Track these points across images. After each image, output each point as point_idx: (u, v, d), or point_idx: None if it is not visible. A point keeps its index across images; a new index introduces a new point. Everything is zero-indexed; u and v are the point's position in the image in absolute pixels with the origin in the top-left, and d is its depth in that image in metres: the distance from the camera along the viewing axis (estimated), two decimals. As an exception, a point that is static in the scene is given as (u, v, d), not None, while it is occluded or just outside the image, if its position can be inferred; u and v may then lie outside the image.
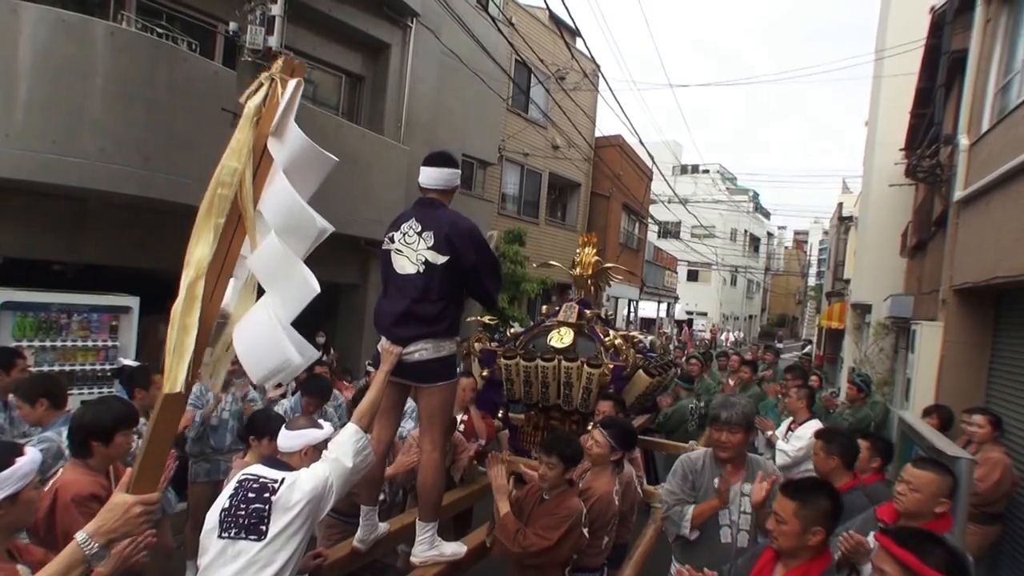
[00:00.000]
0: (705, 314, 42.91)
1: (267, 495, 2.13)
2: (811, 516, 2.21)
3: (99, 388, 5.28)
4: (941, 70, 7.47)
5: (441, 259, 2.75)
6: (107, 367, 5.40)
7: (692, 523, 2.76)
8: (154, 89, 5.52)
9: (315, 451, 2.36)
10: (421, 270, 2.76)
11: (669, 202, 30.51)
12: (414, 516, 3.03)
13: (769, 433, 4.89)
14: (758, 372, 7.57)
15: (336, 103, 8.91)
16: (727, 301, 44.66)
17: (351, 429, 2.29)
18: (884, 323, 12.55)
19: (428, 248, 2.78)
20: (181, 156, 5.61)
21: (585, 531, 2.83)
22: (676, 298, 34.40)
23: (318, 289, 1.67)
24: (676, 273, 33.91)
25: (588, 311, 4.47)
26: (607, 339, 4.26)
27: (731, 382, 7.43)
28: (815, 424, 4.82)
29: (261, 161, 1.75)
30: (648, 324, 31.73)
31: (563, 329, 4.35)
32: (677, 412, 6.31)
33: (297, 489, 2.15)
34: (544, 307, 4.86)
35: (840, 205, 24.13)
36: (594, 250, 4.84)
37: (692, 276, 42.81)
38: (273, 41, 4.91)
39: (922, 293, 9.34)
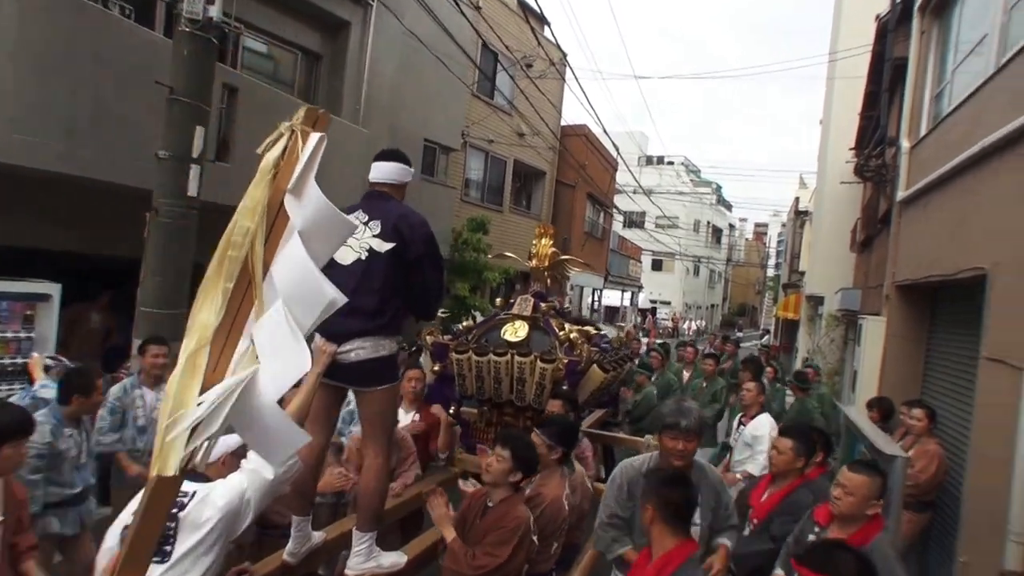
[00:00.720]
0: (669, 303, 43.43)
1: (174, 511, 1.94)
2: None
3: (9, 384, 4.83)
4: (885, 75, 7.72)
5: (386, 246, 2.61)
6: (18, 361, 4.92)
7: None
8: (78, 56, 5.04)
9: (234, 459, 2.17)
10: (363, 257, 2.61)
11: (634, 193, 30.73)
12: (352, 523, 2.85)
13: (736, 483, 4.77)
14: (720, 363, 7.70)
15: (291, 81, 8.59)
16: (690, 290, 45.34)
17: None
18: (835, 315, 12.97)
19: (374, 236, 2.65)
20: (110, 130, 5.21)
21: (535, 538, 2.74)
22: (640, 287, 34.75)
23: (307, 368, 1.53)
24: (640, 263, 34.28)
25: (543, 304, 4.41)
26: (562, 333, 4.20)
27: (686, 373, 7.57)
28: (766, 419, 4.93)
29: (276, 220, 1.60)
30: (612, 313, 31.98)
31: (517, 323, 4.29)
32: (644, 400, 6.36)
33: (209, 504, 1.98)
34: (498, 299, 4.79)
35: (797, 199, 24.74)
36: (551, 241, 4.76)
37: (656, 266, 43.22)
38: (214, 11, 4.60)
39: (869, 287, 9.70)
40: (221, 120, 6.59)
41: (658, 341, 14.27)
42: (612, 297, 30.49)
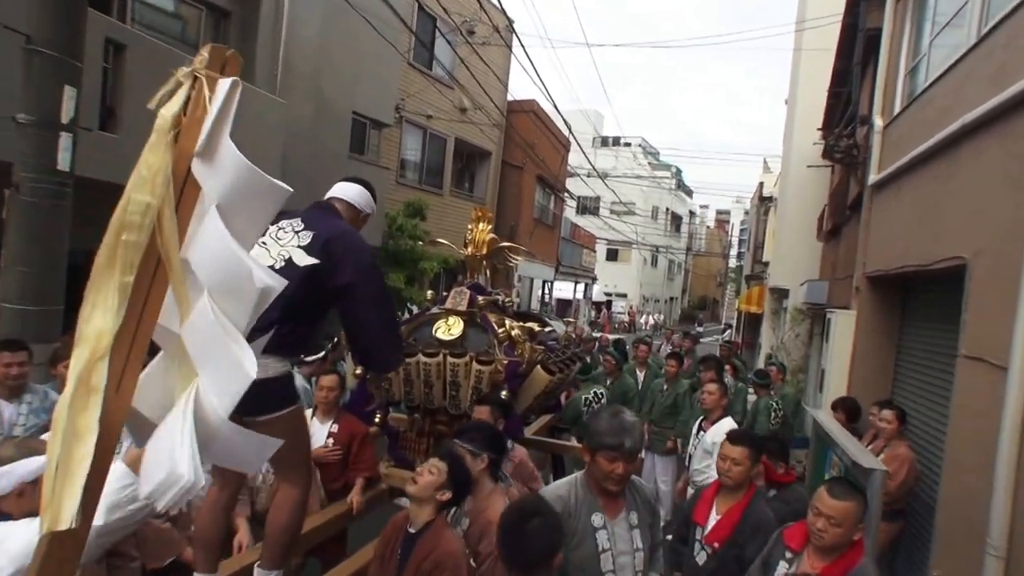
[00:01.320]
0: (625, 295, 44.12)
1: None
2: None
3: None
4: (857, 48, 7.80)
5: (307, 261, 2.45)
6: None
7: None
8: None
9: (34, 488, 1.92)
10: (278, 265, 2.46)
11: (588, 176, 30.86)
12: (255, 557, 2.75)
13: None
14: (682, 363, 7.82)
15: (195, 42, 8.17)
16: (648, 282, 46.09)
17: (118, 472, 1.77)
18: (800, 309, 13.23)
19: (298, 246, 2.52)
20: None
21: (471, 561, 2.70)
22: (594, 279, 35.14)
23: (253, 374, 1.34)
24: (595, 252, 34.61)
25: (481, 297, 4.32)
26: (501, 330, 4.11)
27: (640, 374, 7.69)
28: (729, 423, 4.97)
29: (183, 192, 1.41)
30: (564, 306, 32.19)
31: (451, 319, 4.21)
32: (570, 406, 6.36)
33: (2, 552, 1.72)
34: (428, 292, 4.72)
35: (761, 185, 25.28)
36: (489, 226, 4.70)
37: (611, 255, 43.79)
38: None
39: (837, 279, 9.86)
40: (107, 82, 6.18)
41: (613, 337, 14.39)
42: (564, 289, 30.67)
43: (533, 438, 5.00)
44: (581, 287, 33.29)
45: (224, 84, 1.42)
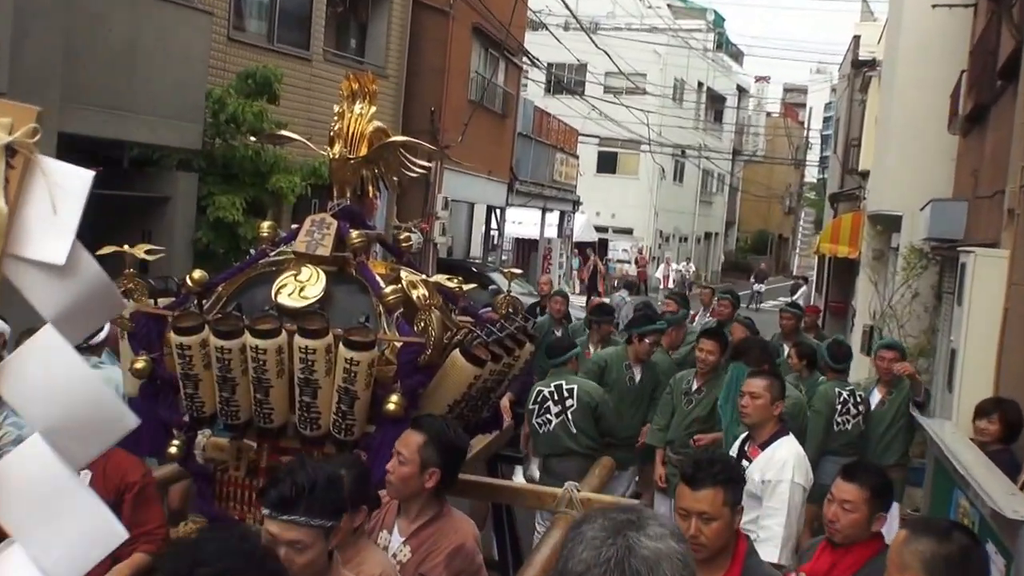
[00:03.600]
0: (630, 231, 44.68)
1: None
2: None
3: None
4: None
5: None
6: None
7: None
8: None
9: None
10: None
11: (566, 29, 30.68)
12: None
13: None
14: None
15: None
16: (668, 209, 46.65)
17: None
18: (921, 249, 13.39)
19: None
20: None
21: None
22: (577, 203, 35.60)
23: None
24: (577, 158, 35.09)
25: (355, 233, 4.42)
26: (390, 291, 4.17)
27: (637, 372, 8.19)
28: (788, 447, 5.13)
29: None
30: (528, 250, 32.18)
31: (304, 270, 4.30)
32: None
33: None
34: (265, 224, 4.86)
35: (856, 40, 25.41)
36: (371, 107, 4.79)
37: (606, 164, 44.07)
38: None
39: (980, 198, 9.94)
40: None
41: (624, 296, 14.60)
42: (525, 222, 30.78)
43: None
44: (554, 218, 33.59)
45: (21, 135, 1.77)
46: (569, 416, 7.18)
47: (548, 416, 7.20)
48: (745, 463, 5.23)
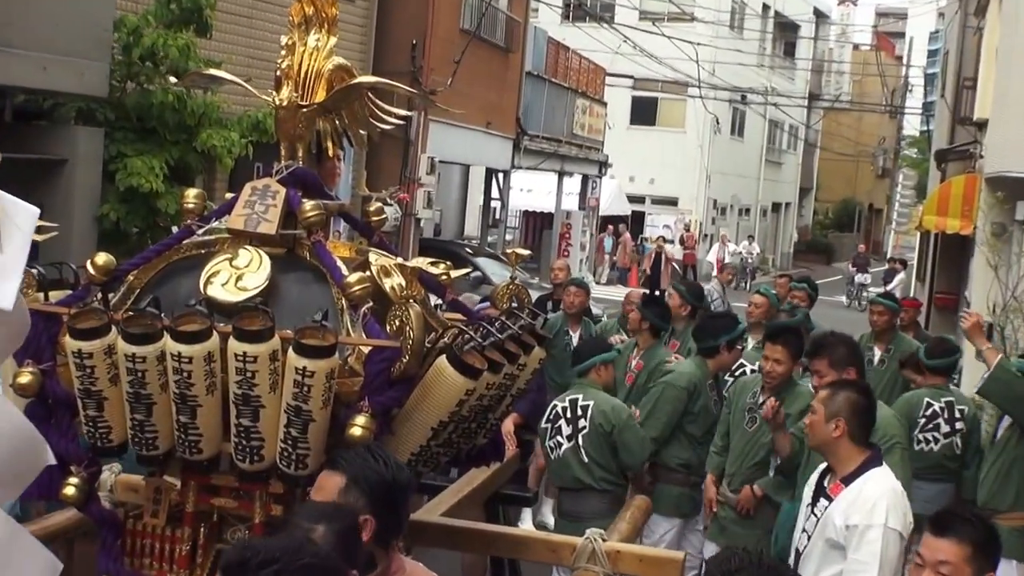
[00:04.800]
0: (674, 202, 44.77)
1: None
2: None
3: None
4: None
5: None
6: None
7: None
8: None
9: None
10: None
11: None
12: None
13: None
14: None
15: None
16: (724, 172, 46.59)
17: None
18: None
19: None
20: None
21: None
22: (604, 164, 35.76)
23: None
24: (604, 106, 35.32)
25: (308, 204, 4.43)
26: (355, 280, 4.18)
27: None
28: (880, 482, 5.17)
29: None
30: (538, 227, 32.03)
31: (242, 253, 4.34)
32: None
33: None
34: (190, 193, 4.87)
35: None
36: (330, 38, 4.84)
37: (643, 113, 43.93)
38: None
39: None
40: None
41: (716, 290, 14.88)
42: (536, 190, 30.73)
43: (444, 523, 5.16)
44: (574, 184, 33.66)
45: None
46: (580, 440, 7.27)
47: (559, 438, 7.30)
48: (824, 503, 5.27)
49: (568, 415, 7.25)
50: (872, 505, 5.06)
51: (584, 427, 7.19)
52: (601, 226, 36.46)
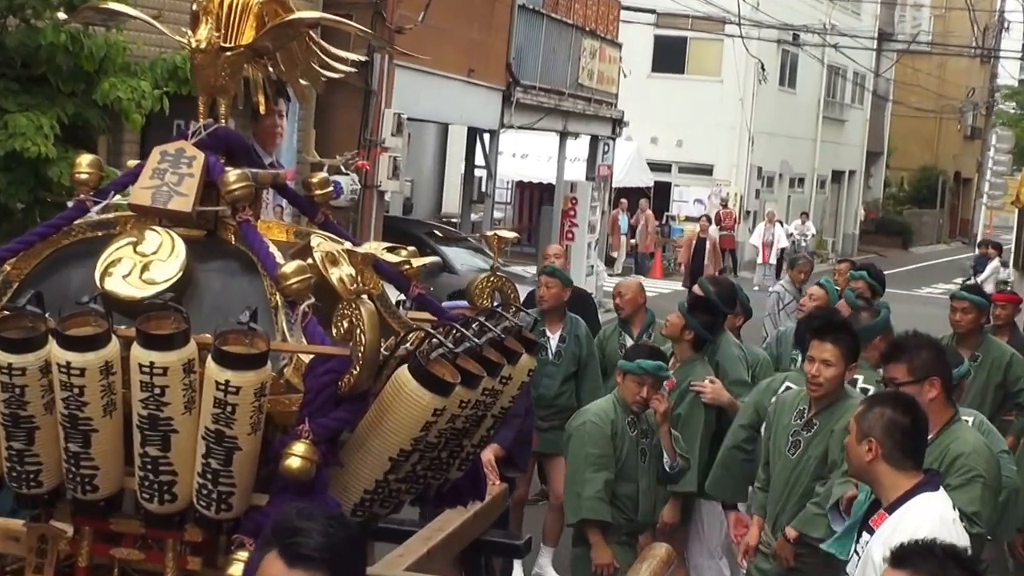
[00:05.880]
0: (708, 170, 44.83)
1: None
2: None
3: None
4: None
5: None
6: None
7: None
8: None
9: None
10: None
11: None
12: None
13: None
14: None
15: None
16: (771, 132, 46.62)
17: None
18: None
19: None
20: None
21: None
22: (619, 123, 35.59)
23: None
24: (619, 48, 35.44)
25: (233, 174, 4.43)
26: (293, 270, 4.14)
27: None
28: (932, 510, 5.30)
29: None
30: (535, 202, 32.00)
31: (149, 236, 4.34)
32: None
33: None
34: (84, 162, 4.86)
35: None
36: None
37: (668, 58, 44.02)
38: None
39: None
40: None
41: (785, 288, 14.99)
42: (534, 154, 30.68)
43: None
44: (580, 148, 33.76)
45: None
46: None
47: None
48: (866, 537, 5.40)
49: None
50: (909, 535, 4.89)
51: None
52: (615, 201, 36.50)
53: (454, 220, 26.04)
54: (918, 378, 6.62)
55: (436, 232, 22.03)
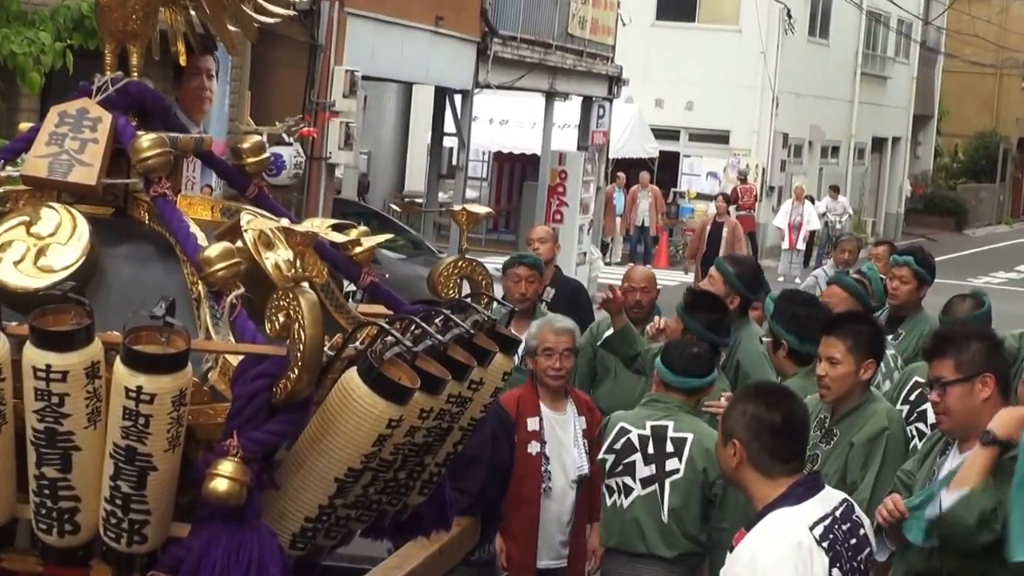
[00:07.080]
0: (723, 137, 44.82)
1: None
2: None
3: None
4: None
5: None
6: None
7: None
8: None
9: None
10: None
11: None
12: None
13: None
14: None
15: None
16: (799, 93, 46.65)
17: None
18: None
19: None
20: None
21: None
22: (617, 81, 35.40)
23: None
24: None
25: (146, 139, 4.43)
26: (218, 254, 4.16)
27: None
28: (783, 531, 5.47)
29: None
30: (517, 176, 32.12)
31: (46, 214, 4.37)
32: None
33: None
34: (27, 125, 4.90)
35: None
36: None
37: (675, 5, 43.92)
38: None
39: None
40: None
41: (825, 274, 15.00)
42: (515, 120, 30.81)
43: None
44: (570, 112, 33.73)
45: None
46: (667, 489, 7.47)
47: (629, 479, 7.49)
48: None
49: (650, 449, 7.43)
50: (744, 566, 5.28)
51: (677, 471, 7.40)
52: (612, 175, 36.57)
53: (419, 200, 26.05)
54: (967, 375, 6.69)
55: (392, 213, 22.05)
